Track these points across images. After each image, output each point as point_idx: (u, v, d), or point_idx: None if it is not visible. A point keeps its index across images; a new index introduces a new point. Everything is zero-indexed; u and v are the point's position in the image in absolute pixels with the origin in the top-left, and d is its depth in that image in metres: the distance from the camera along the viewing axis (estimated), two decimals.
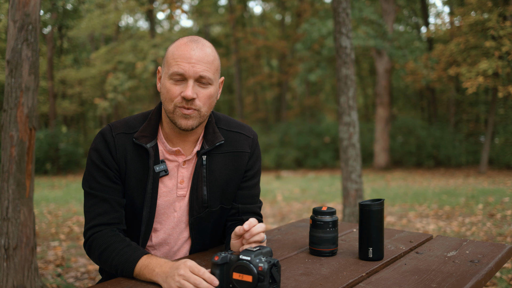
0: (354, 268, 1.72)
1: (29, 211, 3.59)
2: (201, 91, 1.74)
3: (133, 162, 1.83)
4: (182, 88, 1.72)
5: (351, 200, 5.71)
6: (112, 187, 1.80)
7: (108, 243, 1.70)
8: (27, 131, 3.55)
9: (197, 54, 1.72)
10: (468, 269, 1.69)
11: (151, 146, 1.83)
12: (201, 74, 1.71)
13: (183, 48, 1.73)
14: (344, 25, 5.72)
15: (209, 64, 1.74)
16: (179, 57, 1.71)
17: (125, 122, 1.88)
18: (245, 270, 1.43)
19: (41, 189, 13.66)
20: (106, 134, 1.82)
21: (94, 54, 22.27)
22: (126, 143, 1.83)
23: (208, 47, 1.77)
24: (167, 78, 1.75)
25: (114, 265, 1.66)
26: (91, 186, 1.80)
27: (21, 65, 3.50)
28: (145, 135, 1.83)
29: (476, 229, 6.55)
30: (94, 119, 30.99)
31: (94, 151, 1.81)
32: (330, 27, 16.41)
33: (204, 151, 1.87)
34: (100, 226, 1.76)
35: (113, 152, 1.80)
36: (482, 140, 19.39)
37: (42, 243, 6.19)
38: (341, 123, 5.77)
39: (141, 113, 1.94)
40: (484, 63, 13.71)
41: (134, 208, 1.85)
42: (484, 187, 11.58)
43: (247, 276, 1.43)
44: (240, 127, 2.00)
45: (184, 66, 1.70)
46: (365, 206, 1.78)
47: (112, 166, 1.80)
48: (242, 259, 1.44)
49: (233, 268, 1.45)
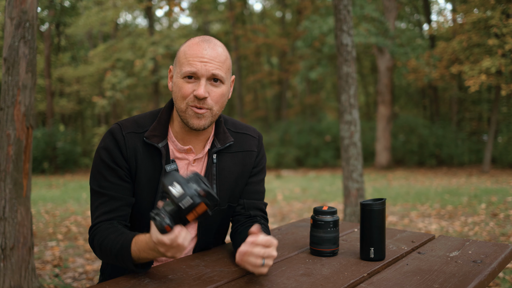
0: (355, 268, 1.72)
1: (26, 211, 3.59)
2: (213, 90, 1.77)
3: (144, 161, 1.84)
4: (195, 86, 1.74)
5: (352, 200, 5.71)
6: (123, 185, 1.81)
7: (105, 235, 1.72)
8: (24, 129, 3.54)
9: (209, 53, 1.74)
10: (470, 270, 1.69)
11: (162, 146, 1.84)
12: (213, 73, 1.73)
13: (195, 47, 1.75)
14: (345, 22, 5.72)
15: (221, 63, 1.76)
16: (192, 56, 1.74)
17: (134, 121, 1.89)
18: (195, 206, 1.44)
19: (39, 189, 13.66)
20: (116, 133, 1.82)
21: (92, 51, 22.26)
22: (137, 142, 1.84)
23: (219, 47, 1.80)
24: (179, 77, 1.77)
25: (114, 256, 1.68)
26: (101, 184, 1.80)
27: (18, 62, 3.50)
28: (156, 134, 1.85)
29: (479, 229, 6.55)
30: (92, 118, 30.96)
31: (104, 149, 1.82)
32: (331, 24, 16.40)
33: (216, 150, 1.91)
34: (104, 222, 1.77)
35: (124, 151, 1.81)
36: (485, 139, 19.40)
37: (39, 243, 6.19)
38: (342, 122, 5.77)
39: (149, 112, 1.96)
40: (487, 61, 13.70)
41: (143, 207, 1.86)
42: (487, 187, 11.57)
43: (200, 208, 1.45)
44: (245, 128, 2.06)
45: (197, 65, 1.72)
46: (366, 205, 1.78)
47: (123, 164, 1.81)
48: (183, 205, 1.43)
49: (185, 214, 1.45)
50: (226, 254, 1.95)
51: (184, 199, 1.43)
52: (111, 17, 20.81)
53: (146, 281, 1.62)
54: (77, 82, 24.83)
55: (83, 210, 9.13)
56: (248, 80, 28.31)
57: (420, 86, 22.24)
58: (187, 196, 1.43)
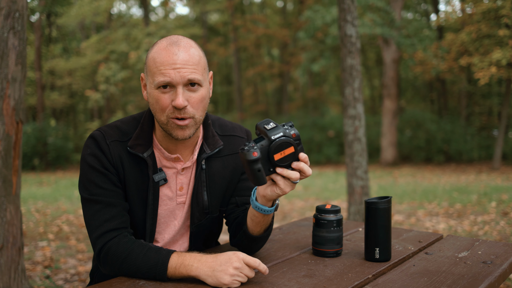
0: (360, 269, 1.72)
1: (15, 209, 3.58)
2: (192, 95, 1.71)
3: (131, 171, 1.81)
4: (172, 96, 1.68)
5: (356, 198, 5.72)
6: (116, 191, 1.78)
7: (128, 251, 1.67)
8: (14, 124, 3.54)
9: (181, 57, 1.67)
10: (480, 271, 1.69)
11: (148, 155, 1.81)
12: (189, 78, 1.67)
13: (164, 53, 1.68)
14: (349, 12, 5.70)
15: (195, 65, 1.70)
16: (162, 64, 1.67)
17: (116, 128, 1.85)
18: (284, 145, 1.55)
19: (29, 186, 13.67)
20: (99, 141, 1.78)
21: (84, 43, 22.27)
22: (121, 152, 1.80)
23: (191, 47, 1.72)
24: (153, 87, 1.71)
25: (143, 273, 1.64)
26: (92, 192, 1.75)
27: (7, 54, 3.49)
28: (140, 143, 1.82)
29: (489, 228, 6.56)
30: (84, 112, 30.92)
31: (91, 156, 1.77)
32: (335, 14, 16.36)
33: (206, 156, 1.89)
34: (110, 232, 1.72)
35: (110, 160, 1.78)
36: (495, 134, 19.39)
37: (29, 243, 6.20)
38: (346, 116, 5.76)
39: (130, 117, 1.91)
40: (497, 53, 13.69)
41: (134, 219, 1.85)
42: (498, 184, 11.58)
43: (288, 150, 1.56)
44: (232, 129, 2.03)
45: (170, 73, 1.65)
46: (371, 204, 1.78)
47: (112, 170, 1.78)
48: (275, 138, 1.54)
49: (273, 151, 1.54)
50: None
51: (276, 134, 1.55)
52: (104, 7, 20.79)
53: (141, 283, 1.61)
54: (69, 75, 24.79)
55: (75, 208, 9.13)
56: (247, 73, 28.28)
57: (427, 79, 22.24)
58: (280, 132, 1.56)
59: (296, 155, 1.57)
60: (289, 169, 1.59)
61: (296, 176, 1.58)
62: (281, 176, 1.60)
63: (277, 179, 1.60)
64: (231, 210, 2.00)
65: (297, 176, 1.58)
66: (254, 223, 1.78)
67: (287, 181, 1.60)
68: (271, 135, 1.54)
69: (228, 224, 2.03)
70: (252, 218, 1.77)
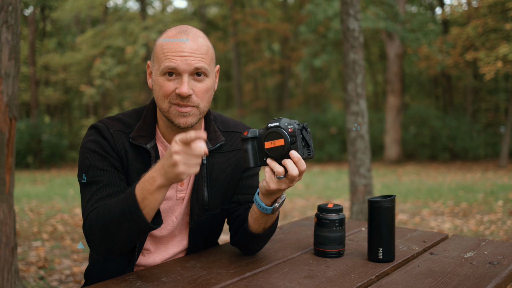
0: (363, 270, 1.72)
1: (9, 208, 3.58)
2: (197, 85, 1.72)
3: (134, 162, 1.81)
4: (176, 84, 1.70)
5: (359, 197, 5.72)
6: (117, 174, 1.76)
7: (103, 207, 1.62)
8: (7, 121, 3.53)
9: (189, 46, 1.69)
10: (486, 272, 1.69)
11: (151, 147, 1.82)
12: (196, 66, 1.69)
13: (172, 41, 1.71)
14: (352, 5, 5.70)
15: (203, 54, 1.72)
16: (170, 51, 1.69)
17: (118, 120, 1.85)
18: (275, 135, 1.57)
19: (22, 184, 13.67)
20: (103, 130, 1.78)
21: (80, 37, 22.22)
22: (125, 142, 1.81)
23: (199, 37, 1.75)
24: (158, 74, 1.72)
25: (116, 217, 1.56)
26: (92, 174, 1.72)
27: (0, 49, 3.48)
28: (143, 134, 1.83)
29: (496, 228, 6.56)
30: (79, 108, 30.95)
31: (92, 142, 1.76)
32: (337, 8, 16.36)
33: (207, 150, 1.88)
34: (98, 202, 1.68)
35: (114, 147, 1.78)
36: (502, 131, 19.38)
37: (23, 243, 6.20)
38: (349, 113, 5.76)
39: (132, 110, 1.93)
40: (504, 47, 13.68)
41: None
42: (504, 182, 11.59)
43: (278, 141, 1.56)
44: (234, 126, 2.04)
45: (176, 60, 1.67)
46: (374, 203, 1.78)
47: (115, 156, 1.77)
48: (271, 126, 1.58)
49: (264, 138, 1.58)
50: (223, 255, 1.95)
51: (274, 123, 1.59)
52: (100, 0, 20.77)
53: (137, 283, 1.61)
54: (63, 70, 24.78)
55: (70, 207, 9.14)
56: (247, 68, 28.28)
57: (432, 74, 22.21)
58: (277, 122, 1.59)
59: (285, 149, 1.57)
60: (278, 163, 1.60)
61: (279, 170, 1.58)
62: (269, 168, 1.62)
63: (265, 170, 1.63)
64: (233, 209, 2.01)
65: (280, 171, 1.58)
66: (252, 218, 1.78)
67: (273, 176, 1.62)
68: (269, 124, 1.59)
69: (230, 223, 2.03)
70: (252, 213, 1.78)
